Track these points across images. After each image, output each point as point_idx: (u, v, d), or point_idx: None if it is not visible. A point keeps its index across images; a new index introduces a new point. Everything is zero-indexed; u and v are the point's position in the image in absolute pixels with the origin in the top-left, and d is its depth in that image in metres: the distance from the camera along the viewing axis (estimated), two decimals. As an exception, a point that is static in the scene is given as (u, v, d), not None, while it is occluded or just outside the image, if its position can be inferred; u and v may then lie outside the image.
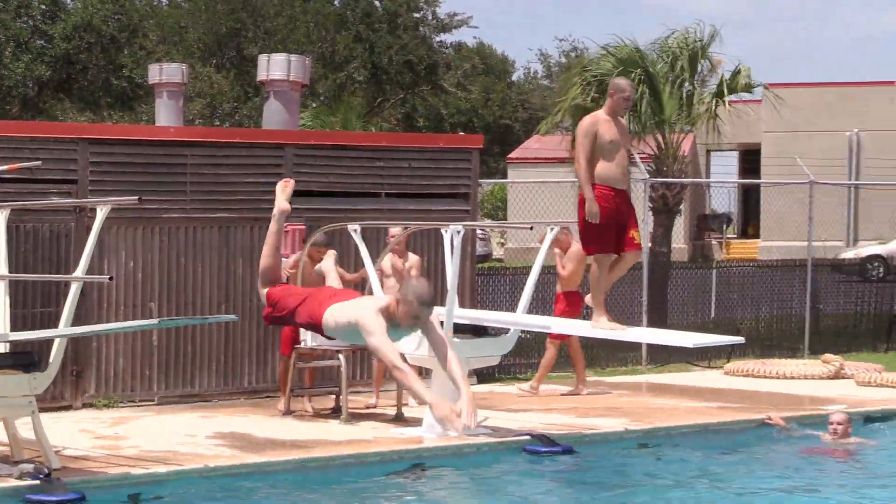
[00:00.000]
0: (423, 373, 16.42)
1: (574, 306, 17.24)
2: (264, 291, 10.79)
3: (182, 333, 16.51)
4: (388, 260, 15.75)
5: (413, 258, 16.21)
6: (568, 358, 18.04)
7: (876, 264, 35.07)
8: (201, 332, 16.59)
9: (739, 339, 13.39)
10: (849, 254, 37.92)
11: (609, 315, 13.49)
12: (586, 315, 16.74)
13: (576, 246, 16.90)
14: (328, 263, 14.60)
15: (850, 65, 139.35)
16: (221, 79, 54.91)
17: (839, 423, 13.98)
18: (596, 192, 12.87)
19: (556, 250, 17.41)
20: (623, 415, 15.42)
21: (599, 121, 12.88)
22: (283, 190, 11.15)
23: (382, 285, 15.31)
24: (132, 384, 16.36)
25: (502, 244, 55.33)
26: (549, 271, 20.09)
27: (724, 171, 56.52)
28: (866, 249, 38.37)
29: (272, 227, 10.87)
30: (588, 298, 13.59)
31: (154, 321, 13.27)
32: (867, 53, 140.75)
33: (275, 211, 10.94)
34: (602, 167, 13.05)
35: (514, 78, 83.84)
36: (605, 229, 12.85)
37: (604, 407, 16.18)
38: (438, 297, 17.16)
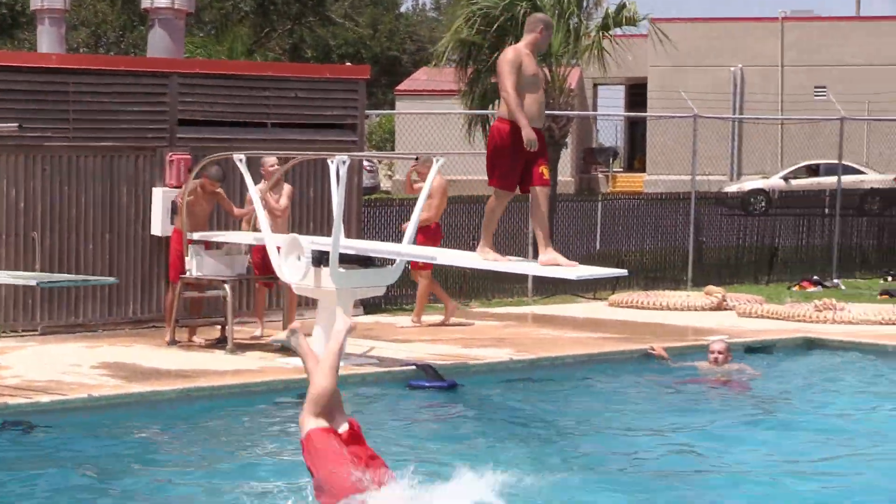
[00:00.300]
0: (310, 302, 16.41)
1: (434, 238, 17.10)
2: (308, 429, 8.24)
3: (65, 262, 16.32)
4: (253, 190, 15.27)
5: (286, 187, 15.99)
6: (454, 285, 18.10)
7: (759, 198, 35.56)
8: (85, 261, 16.42)
9: (622, 272, 13.50)
10: (732, 188, 38.40)
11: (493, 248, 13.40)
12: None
13: (439, 178, 16.76)
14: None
15: (736, 1, 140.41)
16: (106, 7, 54.09)
17: (719, 352, 14.20)
18: (510, 126, 12.26)
19: (417, 179, 17.31)
20: (508, 345, 15.53)
21: (522, 54, 12.49)
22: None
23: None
24: (14, 314, 16.17)
25: (390, 176, 55.26)
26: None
27: (611, 104, 56.92)
28: (749, 184, 38.89)
29: (334, 345, 8.79)
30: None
31: (32, 281, 13.06)
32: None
33: (341, 326, 8.97)
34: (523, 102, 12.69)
35: (403, 9, 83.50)
36: (515, 164, 12.33)
37: (489, 338, 16.28)
38: (324, 227, 17.15)
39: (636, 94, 52.80)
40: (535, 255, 20.10)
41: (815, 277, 23.10)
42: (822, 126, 34.59)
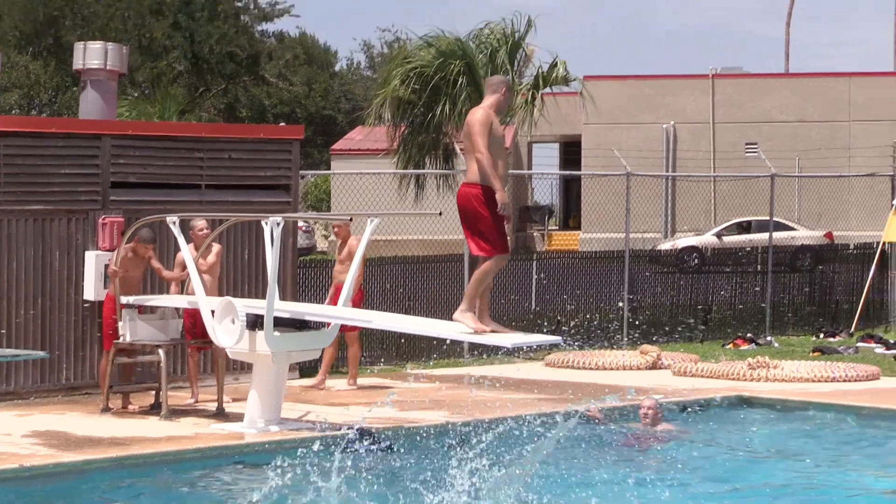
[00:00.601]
0: (245, 367, 16.30)
1: (357, 300, 16.99)
2: None
3: (-4, 329, 16.12)
4: (185, 252, 15.16)
5: (215, 246, 15.83)
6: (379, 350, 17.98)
7: (693, 255, 35.74)
8: (17, 327, 16.22)
9: (556, 339, 13.29)
10: (665, 245, 38.53)
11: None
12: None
13: (356, 239, 16.76)
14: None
15: (667, 58, 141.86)
16: (39, 68, 53.84)
17: (649, 408, 14.19)
18: (482, 190, 11.88)
19: (336, 239, 17.22)
20: (445, 407, 15.47)
21: (492, 114, 12.29)
22: None
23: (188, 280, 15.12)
24: (-56, 381, 15.95)
25: (326, 236, 55.16)
26: (370, 264, 20.12)
27: (546, 162, 57.17)
28: (682, 241, 39.02)
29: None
30: None
31: None
32: (682, 47, 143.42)
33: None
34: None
35: (338, 69, 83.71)
36: (500, 225, 12.09)
37: (427, 400, 16.21)
38: (259, 289, 17.06)
39: (571, 152, 53.05)
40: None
41: (749, 335, 23.22)
42: (754, 183, 34.85)
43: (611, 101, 48.23)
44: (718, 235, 39.59)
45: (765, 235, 36.06)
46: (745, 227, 40.86)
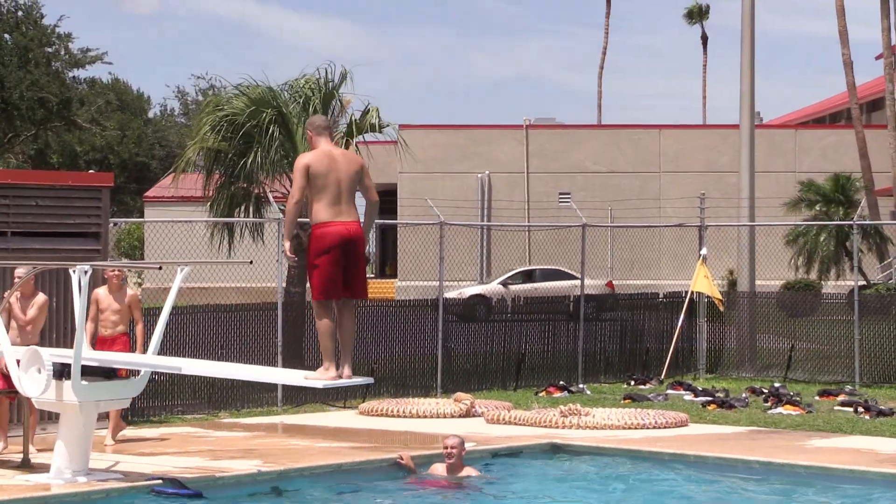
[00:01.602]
0: (52, 416, 16.01)
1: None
2: None
3: None
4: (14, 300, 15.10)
5: (40, 297, 15.68)
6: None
7: (480, 305, 35.60)
8: None
9: (368, 380, 13.50)
10: (452, 294, 38.38)
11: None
12: None
13: (134, 292, 16.69)
14: None
15: (482, 109, 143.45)
16: None
17: (452, 447, 14.22)
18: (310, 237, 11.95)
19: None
20: (257, 456, 15.37)
21: (308, 157, 12.19)
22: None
23: (8, 328, 14.85)
24: None
25: (140, 284, 54.48)
26: (180, 311, 19.93)
27: (362, 210, 57.20)
28: (468, 290, 38.95)
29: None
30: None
31: None
32: (497, 98, 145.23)
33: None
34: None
35: (151, 115, 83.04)
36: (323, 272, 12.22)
37: (238, 449, 16.09)
38: (67, 338, 16.77)
39: (387, 200, 53.25)
40: (286, 364, 20.10)
41: (562, 383, 23.49)
42: (567, 232, 35.40)
43: (426, 151, 48.61)
44: (504, 284, 40.06)
45: (550, 284, 36.83)
46: (528, 276, 41.62)
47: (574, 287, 36.68)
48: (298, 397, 20.79)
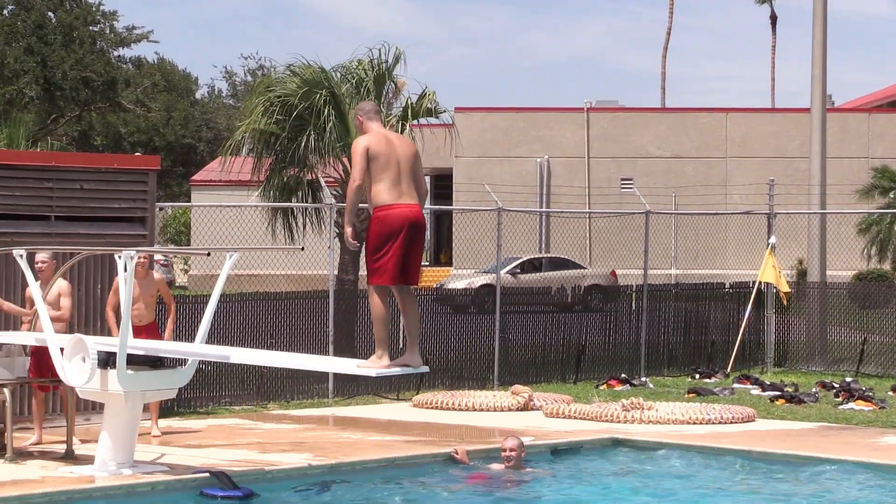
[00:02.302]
0: (95, 406, 16.11)
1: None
2: None
3: None
4: (34, 288, 14.95)
5: (62, 284, 15.58)
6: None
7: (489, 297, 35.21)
8: None
9: (423, 368, 13.43)
10: (460, 284, 37.85)
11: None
12: None
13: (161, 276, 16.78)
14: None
15: (541, 91, 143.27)
16: None
17: (511, 450, 14.21)
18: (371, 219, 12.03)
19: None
20: (307, 449, 15.41)
21: (364, 140, 12.24)
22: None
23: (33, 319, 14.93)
24: None
25: (186, 271, 54.79)
26: (228, 299, 20.02)
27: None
28: (479, 279, 38.20)
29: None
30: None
31: None
32: (557, 79, 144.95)
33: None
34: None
35: (199, 96, 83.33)
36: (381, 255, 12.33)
37: (288, 442, 16.14)
38: (98, 326, 16.84)
39: (442, 185, 53.29)
40: (337, 354, 20.13)
41: (623, 375, 23.44)
42: (630, 219, 35.28)
43: (483, 134, 48.58)
44: (512, 273, 39.96)
45: (556, 273, 36.81)
46: (536, 266, 41.62)
47: (580, 277, 36.96)
48: (350, 389, 20.84)
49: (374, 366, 12.08)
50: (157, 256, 23.87)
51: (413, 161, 12.07)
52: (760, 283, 26.06)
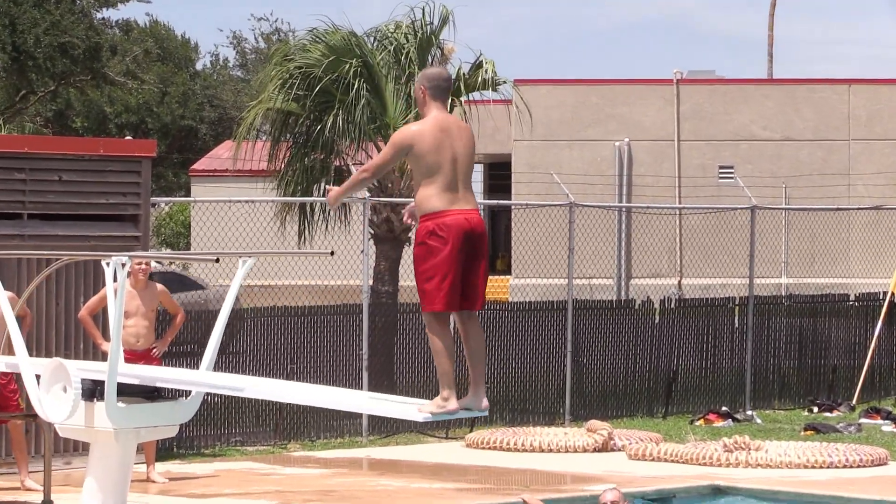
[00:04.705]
0: (78, 447, 16.19)
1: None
2: None
3: None
4: (4, 299, 14.94)
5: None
6: None
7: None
8: None
9: (482, 413, 13.22)
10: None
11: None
12: None
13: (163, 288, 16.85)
14: None
15: (620, 59, 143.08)
16: None
17: (613, 502, 14.20)
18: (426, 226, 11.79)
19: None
20: (338, 500, 15.46)
21: (419, 128, 12.07)
22: None
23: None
24: None
25: (184, 280, 54.97)
26: (240, 315, 20.07)
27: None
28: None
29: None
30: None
31: None
32: (640, 46, 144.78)
33: None
34: None
35: (200, 67, 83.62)
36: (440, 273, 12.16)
37: (313, 490, 16.21)
38: (80, 349, 16.91)
39: (498, 175, 53.27)
40: (372, 382, 20.17)
41: (725, 409, 23.37)
42: (730, 216, 35.20)
43: (549, 112, 48.55)
44: None
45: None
46: None
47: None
48: (388, 426, 20.87)
49: (441, 409, 11.84)
50: (152, 263, 23.95)
51: (472, 156, 11.87)
52: (893, 294, 25.96)
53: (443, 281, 11.45)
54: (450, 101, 23.03)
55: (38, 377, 13.95)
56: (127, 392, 13.68)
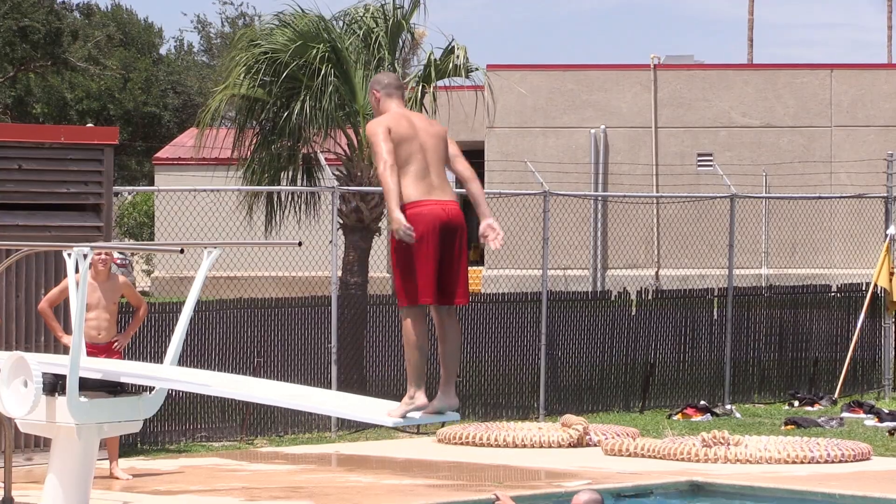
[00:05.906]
0: (40, 443, 16.20)
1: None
2: None
3: None
4: None
5: None
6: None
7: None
8: None
9: (454, 417, 13.09)
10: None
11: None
12: None
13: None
14: None
15: (596, 44, 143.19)
16: None
17: (588, 504, 14.23)
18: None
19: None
20: (306, 496, 15.50)
21: (383, 121, 12.14)
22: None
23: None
24: None
25: (149, 272, 54.93)
26: (206, 307, 20.08)
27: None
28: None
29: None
30: None
31: None
32: (616, 30, 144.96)
33: None
34: None
35: (163, 52, 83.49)
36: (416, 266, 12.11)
37: (281, 487, 16.22)
38: (42, 342, 16.92)
39: (471, 163, 53.19)
40: (342, 378, 20.18)
41: (703, 403, 23.43)
42: (709, 205, 35.26)
43: (523, 99, 48.56)
44: None
45: None
46: None
47: None
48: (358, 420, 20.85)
49: (409, 407, 11.77)
50: (115, 255, 23.95)
51: (442, 145, 11.92)
52: (876, 285, 26.02)
53: (418, 274, 11.45)
54: (420, 87, 23.16)
55: (-3, 372, 13.98)
56: (89, 386, 13.69)
